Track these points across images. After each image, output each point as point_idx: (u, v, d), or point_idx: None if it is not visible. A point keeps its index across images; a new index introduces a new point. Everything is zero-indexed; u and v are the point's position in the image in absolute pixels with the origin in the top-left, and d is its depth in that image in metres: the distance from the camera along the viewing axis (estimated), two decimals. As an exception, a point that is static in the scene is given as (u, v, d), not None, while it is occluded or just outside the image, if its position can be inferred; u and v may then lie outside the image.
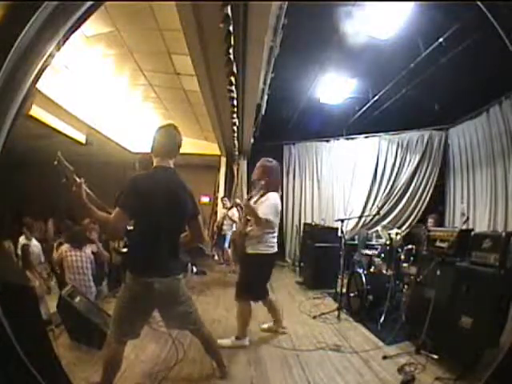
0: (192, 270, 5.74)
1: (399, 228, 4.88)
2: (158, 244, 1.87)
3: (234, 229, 5.93)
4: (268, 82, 4.80)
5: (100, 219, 1.79)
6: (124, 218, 1.78)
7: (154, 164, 1.99)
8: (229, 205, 6.61)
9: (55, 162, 1.64)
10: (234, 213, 6.13)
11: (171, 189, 1.92)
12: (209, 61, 3.55)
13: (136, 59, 4.55)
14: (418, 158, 6.57)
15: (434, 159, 6.46)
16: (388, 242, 3.93)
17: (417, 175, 6.60)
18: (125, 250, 3.93)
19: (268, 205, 2.80)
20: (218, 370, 2.26)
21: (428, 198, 6.50)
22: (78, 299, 2.76)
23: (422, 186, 6.55)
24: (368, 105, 5.86)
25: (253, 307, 2.92)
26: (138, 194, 1.81)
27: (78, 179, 1.70)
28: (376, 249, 4.44)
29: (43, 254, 4.56)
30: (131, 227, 1.92)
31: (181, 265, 2.19)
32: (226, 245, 6.59)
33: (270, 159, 3.04)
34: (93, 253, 3.77)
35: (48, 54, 1.11)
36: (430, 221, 4.44)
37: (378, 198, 6.90)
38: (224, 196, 7.52)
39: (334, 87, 5.37)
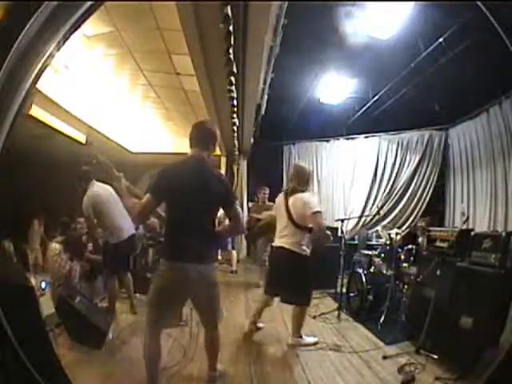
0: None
1: (399, 228, 4.87)
2: (187, 230, 1.91)
3: None
4: (268, 81, 4.79)
5: (129, 203, 1.95)
6: (151, 203, 1.87)
7: (189, 154, 2.04)
8: None
9: (93, 161, 1.78)
10: None
11: (200, 174, 1.95)
12: (209, 61, 3.54)
13: (136, 59, 4.55)
14: (417, 158, 6.58)
15: (434, 159, 6.46)
16: (388, 242, 3.93)
17: (417, 175, 6.60)
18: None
19: None
20: (207, 373, 2.20)
21: (428, 198, 6.50)
22: (77, 299, 2.76)
23: (422, 186, 6.55)
24: (368, 105, 5.87)
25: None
26: (166, 179, 1.92)
27: (117, 173, 1.91)
28: (376, 249, 4.43)
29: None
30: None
31: (214, 253, 2.19)
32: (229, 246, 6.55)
33: None
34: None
35: (48, 54, 1.11)
36: (420, 225, 4.40)
37: (378, 198, 6.90)
38: None
39: (333, 87, 5.37)
